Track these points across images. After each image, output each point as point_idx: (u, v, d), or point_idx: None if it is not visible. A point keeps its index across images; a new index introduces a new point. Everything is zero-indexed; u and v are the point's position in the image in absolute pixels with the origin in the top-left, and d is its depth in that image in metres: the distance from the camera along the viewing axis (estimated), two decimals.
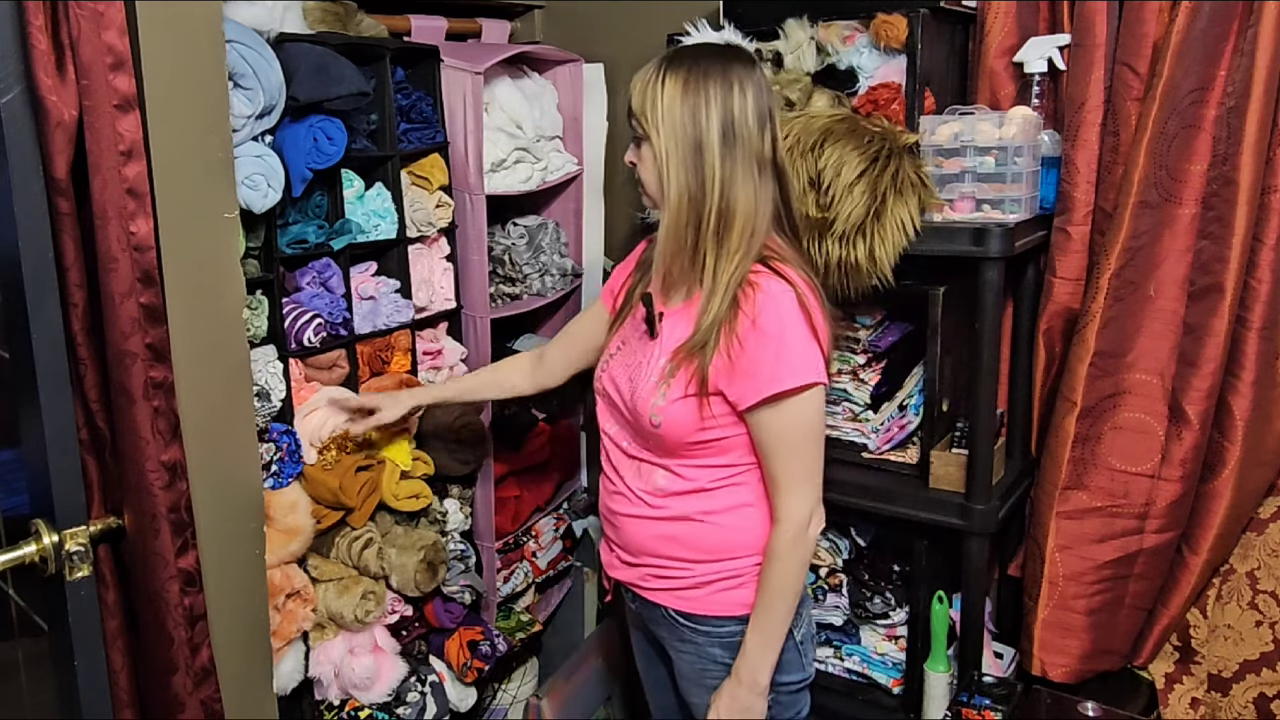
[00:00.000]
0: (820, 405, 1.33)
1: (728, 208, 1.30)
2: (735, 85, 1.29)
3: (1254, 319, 1.67)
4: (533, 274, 2.24)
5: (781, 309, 1.29)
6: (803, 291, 1.30)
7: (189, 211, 1.29)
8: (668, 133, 1.30)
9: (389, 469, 1.90)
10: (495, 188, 2.09)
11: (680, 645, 1.47)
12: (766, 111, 1.32)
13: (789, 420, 1.30)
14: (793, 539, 1.33)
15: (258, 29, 1.59)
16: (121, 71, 1.18)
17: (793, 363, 1.28)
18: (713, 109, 1.28)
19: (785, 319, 1.28)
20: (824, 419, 1.34)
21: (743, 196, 1.30)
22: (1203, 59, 1.60)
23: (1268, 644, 1.80)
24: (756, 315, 1.28)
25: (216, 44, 1.31)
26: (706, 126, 1.28)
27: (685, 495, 1.39)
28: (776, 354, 1.28)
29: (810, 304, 1.30)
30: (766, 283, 1.30)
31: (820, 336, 1.30)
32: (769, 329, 1.28)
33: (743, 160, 1.30)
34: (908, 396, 1.89)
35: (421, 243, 2.00)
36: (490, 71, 2.02)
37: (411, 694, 1.99)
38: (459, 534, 2.13)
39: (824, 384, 1.31)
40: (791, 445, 1.32)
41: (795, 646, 1.43)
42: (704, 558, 1.40)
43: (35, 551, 1.27)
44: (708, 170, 1.29)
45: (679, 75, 1.30)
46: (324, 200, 1.79)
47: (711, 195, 1.29)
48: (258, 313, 1.69)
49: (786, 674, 1.43)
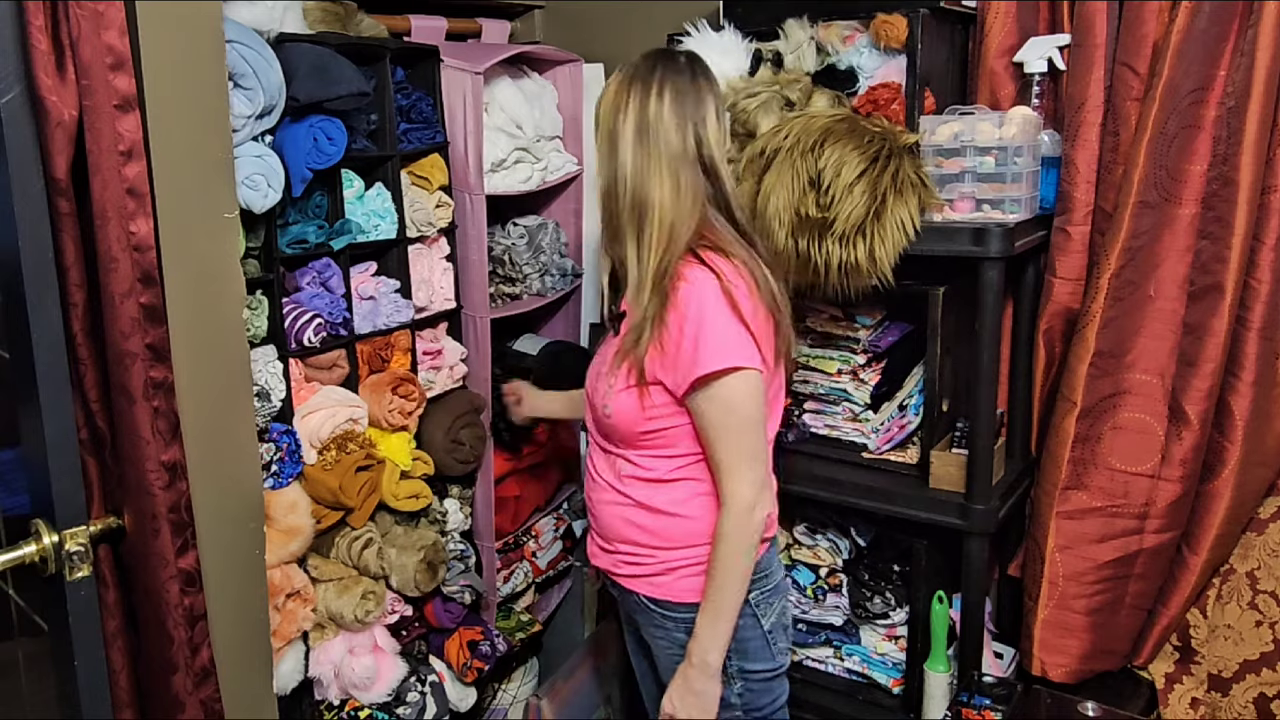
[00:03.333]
0: (750, 388, 1.35)
1: (642, 202, 1.38)
2: (654, 89, 1.38)
3: (1254, 319, 1.67)
4: (533, 274, 2.24)
5: (703, 296, 1.34)
6: (728, 278, 1.34)
7: (189, 211, 1.29)
8: (598, 130, 1.43)
9: (389, 469, 1.90)
10: (495, 188, 2.09)
11: (654, 631, 1.51)
12: (693, 115, 1.39)
13: (720, 404, 1.35)
14: (737, 521, 1.37)
15: (258, 29, 1.59)
16: (121, 71, 1.18)
17: (713, 347, 1.32)
18: (630, 110, 1.38)
19: (705, 305, 1.33)
20: (756, 402, 1.36)
21: (656, 193, 1.37)
22: (1203, 59, 1.60)
23: (1268, 644, 1.80)
24: (679, 303, 1.34)
25: (216, 44, 1.31)
26: (623, 126, 1.38)
27: (647, 484, 1.45)
28: (696, 339, 1.33)
29: (737, 291, 1.34)
30: (691, 272, 1.36)
31: (749, 321, 1.34)
32: (689, 315, 1.34)
33: (658, 158, 1.37)
34: (908, 396, 1.89)
35: (421, 243, 2.00)
36: (490, 71, 2.02)
37: (411, 694, 1.99)
38: (459, 534, 2.13)
39: (750, 368, 1.34)
40: (725, 428, 1.36)
41: (763, 635, 1.47)
42: (669, 544, 1.45)
43: (35, 551, 1.27)
44: (619, 166, 1.39)
45: (615, 79, 1.42)
46: (324, 200, 1.79)
47: (625, 190, 1.39)
48: (258, 313, 1.69)
49: (754, 662, 1.47)
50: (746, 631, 1.46)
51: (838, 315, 1.93)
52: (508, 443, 2.22)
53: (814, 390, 1.96)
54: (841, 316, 1.92)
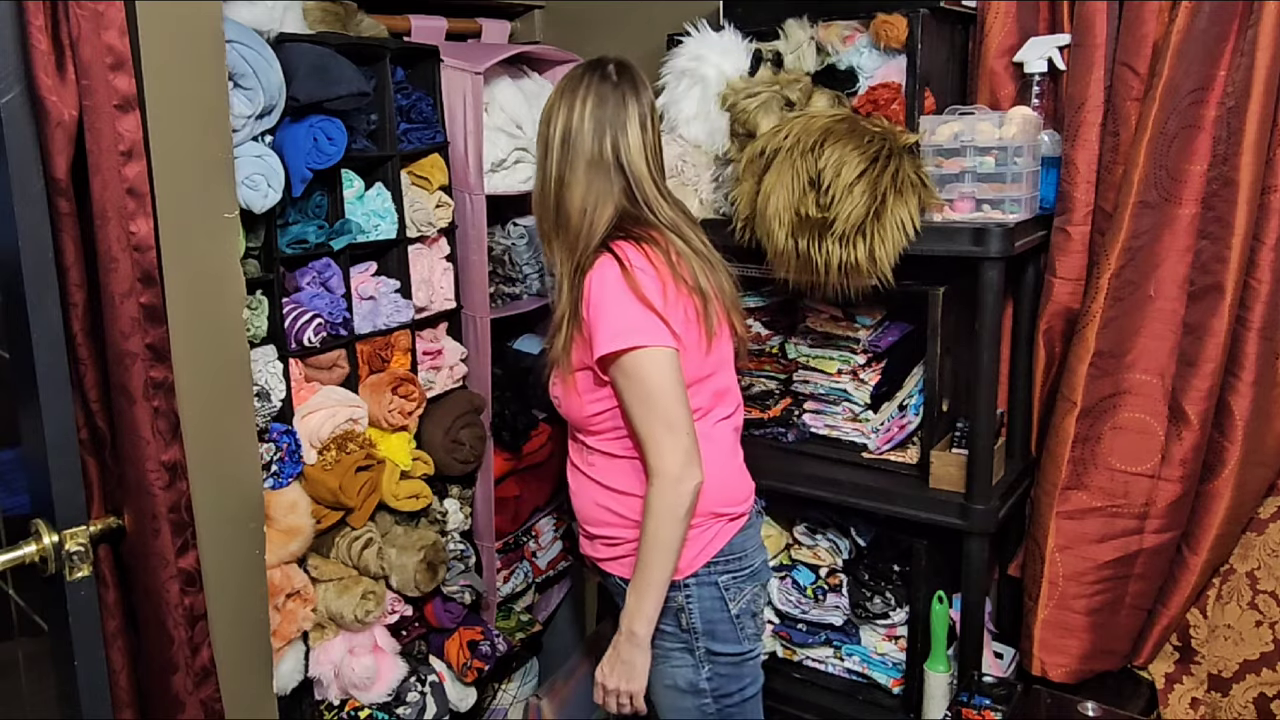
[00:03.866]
0: (658, 364, 1.39)
1: (561, 205, 1.47)
2: (579, 98, 1.46)
3: (1254, 319, 1.67)
4: (533, 274, 2.24)
5: (603, 281, 1.41)
6: (630, 262, 1.40)
7: (189, 211, 1.29)
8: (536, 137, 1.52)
9: (389, 469, 1.90)
10: (495, 188, 2.09)
11: None
12: (611, 121, 1.46)
13: (631, 380, 1.40)
14: (661, 493, 1.40)
15: (258, 29, 1.59)
16: (121, 71, 1.18)
17: (611, 329, 1.39)
18: (558, 118, 1.47)
19: (605, 289, 1.40)
20: (668, 376, 1.40)
21: (571, 197, 1.46)
22: (1203, 59, 1.59)
23: (1268, 644, 1.80)
24: (586, 292, 1.42)
25: (216, 44, 1.31)
26: (552, 134, 1.48)
27: (606, 465, 1.52)
28: (598, 321, 1.40)
29: (642, 274, 1.40)
30: (598, 261, 1.43)
31: (651, 301, 1.39)
32: (591, 300, 1.41)
33: (575, 164, 1.46)
34: (908, 396, 1.89)
35: (421, 243, 2.00)
36: (490, 71, 2.02)
37: (411, 694, 1.99)
38: (459, 534, 2.13)
39: (649, 345, 1.38)
40: (640, 401, 1.40)
41: (730, 619, 1.50)
42: (630, 524, 1.49)
43: (35, 551, 1.27)
44: (545, 171, 1.49)
45: (554, 89, 1.51)
46: (324, 200, 1.79)
47: (550, 194, 1.49)
48: (258, 313, 1.69)
49: (722, 644, 1.50)
50: (715, 614, 1.49)
51: (838, 315, 1.93)
52: (508, 443, 2.22)
53: (814, 390, 1.96)
54: (841, 316, 1.92)
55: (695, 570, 1.49)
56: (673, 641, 1.50)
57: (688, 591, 1.49)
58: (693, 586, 1.49)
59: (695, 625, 1.49)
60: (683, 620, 1.49)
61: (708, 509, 1.49)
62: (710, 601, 1.49)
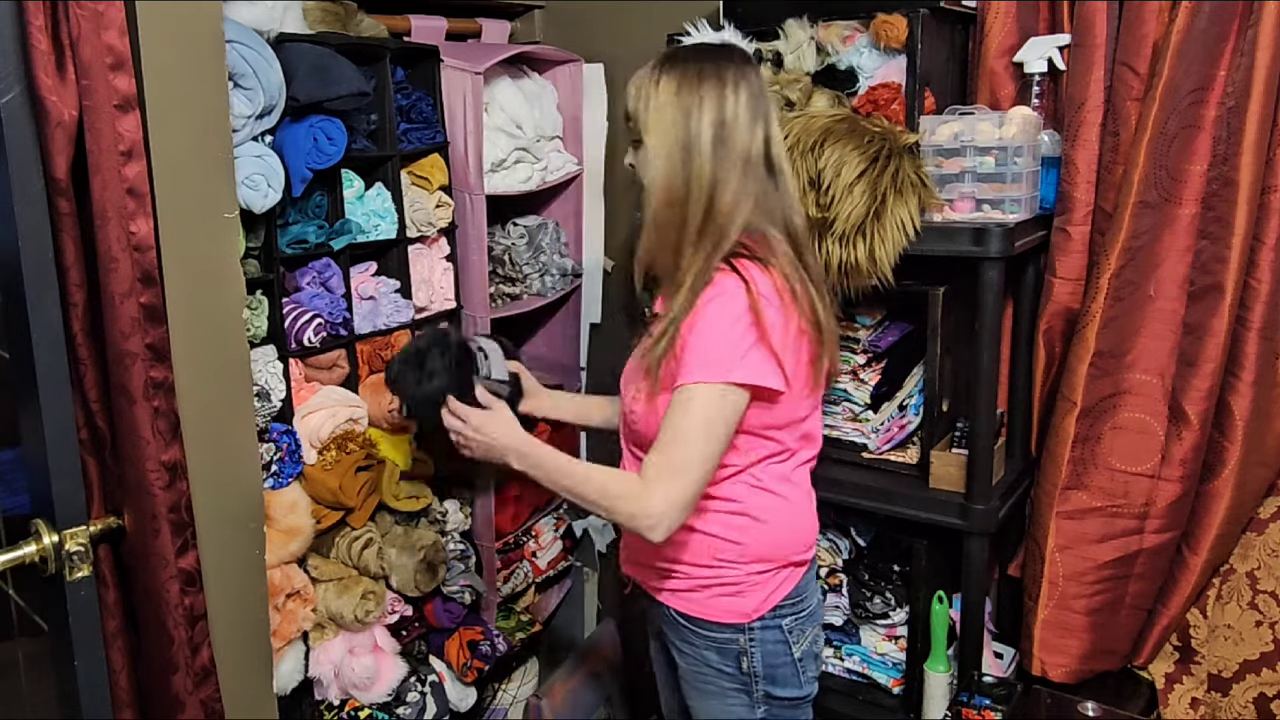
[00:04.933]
0: (733, 403, 1.27)
1: (711, 209, 1.30)
2: (729, 85, 1.30)
3: (1254, 319, 1.67)
4: (533, 274, 2.24)
5: (726, 307, 1.26)
6: (758, 291, 1.26)
7: (189, 211, 1.29)
8: (660, 134, 1.31)
9: (389, 469, 1.90)
10: (495, 188, 2.09)
11: (681, 645, 1.47)
12: (761, 111, 1.32)
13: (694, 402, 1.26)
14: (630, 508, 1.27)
15: (258, 29, 1.59)
16: (121, 71, 1.18)
17: (713, 355, 1.25)
18: (705, 110, 1.29)
19: (724, 315, 1.26)
20: (730, 419, 1.28)
21: (727, 197, 1.30)
22: (1203, 59, 1.60)
23: (1268, 644, 1.80)
24: (704, 308, 1.27)
25: (216, 44, 1.30)
26: (699, 129, 1.29)
27: None
28: (701, 345, 1.26)
29: (766, 305, 1.26)
30: (723, 280, 1.28)
31: (773, 339, 1.26)
32: (705, 323, 1.26)
33: (730, 161, 1.30)
34: (908, 396, 1.89)
35: (421, 243, 2.00)
36: (490, 71, 2.02)
37: (411, 694, 1.99)
38: (459, 534, 2.13)
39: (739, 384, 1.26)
40: (685, 426, 1.26)
41: (793, 662, 1.44)
42: (700, 562, 1.40)
43: (35, 551, 1.27)
44: (695, 171, 1.30)
45: (673, 76, 1.31)
46: (324, 200, 1.79)
47: (699, 197, 1.30)
48: (258, 313, 1.69)
49: (783, 688, 1.44)
50: (778, 658, 1.42)
51: (838, 315, 1.92)
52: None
53: None
54: (841, 316, 1.92)
55: (762, 614, 1.40)
56: (731, 683, 1.43)
57: (751, 635, 1.41)
58: (757, 630, 1.41)
59: (756, 669, 1.42)
60: (744, 664, 1.42)
61: (783, 556, 1.41)
62: (774, 645, 1.41)
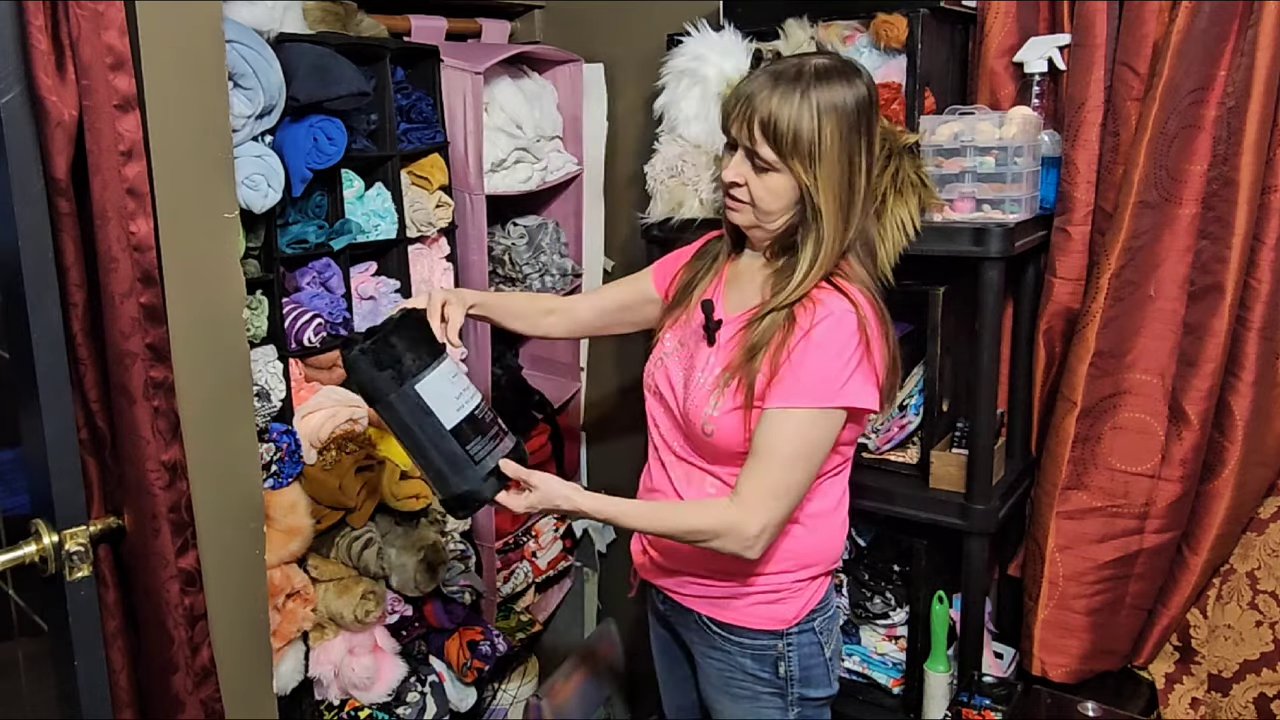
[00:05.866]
0: (835, 427, 1.30)
1: (848, 225, 1.31)
2: (875, 114, 1.30)
3: (1254, 319, 1.67)
4: (533, 274, 2.24)
5: (842, 329, 1.27)
6: (865, 314, 1.29)
7: (189, 211, 1.29)
8: (825, 172, 1.27)
9: (389, 469, 1.90)
10: (495, 188, 2.09)
11: (710, 651, 1.47)
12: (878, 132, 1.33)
13: (799, 426, 1.28)
14: (723, 532, 1.28)
15: (258, 29, 1.59)
16: (121, 71, 1.18)
17: (823, 376, 1.26)
18: (865, 135, 1.29)
19: (837, 337, 1.27)
20: (828, 443, 1.30)
21: (858, 218, 1.32)
22: (1203, 59, 1.60)
23: (1268, 644, 1.80)
24: (812, 329, 1.27)
25: (216, 44, 1.30)
26: (861, 169, 1.30)
27: None
28: (812, 366, 1.26)
29: (871, 328, 1.29)
30: (829, 300, 1.29)
31: (875, 361, 1.29)
32: (823, 344, 1.27)
33: (867, 186, 1.31)
34: (908, 396, 1.89)
35: (421, 243, 2.00)
36: (490, 71, 2.02)
37: (411, 694, 1.99)
38: (459, 534, 2.13)
39: (848, 408, 1.28)
40: (788, 451, 1.28)
41: (825, 662, 1.45)
42: (745, 571, 1.39)
43: (35, 551, 1.27)
44: (854, 211, 1.30)
45: (835, 111, 1.26)
46: (324, 200, 1.79)
47: (848, 231, 1.31)
48: (258, 313, 1.69)
49: (815, 689, 1.45)
50: (812, 659, 1.43)
51: None
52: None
53: None
54: None
55: (798, 620, 1.42)
56: (765, 687, 1.44)
57: (789, 641, 1.42)
58: (794, 636, 1.42)
59: (793, 673, 1.43)
60: (780, 669, 1.43)
61: (823, 567, 1.43)
62: (809, 648, 1.43)
